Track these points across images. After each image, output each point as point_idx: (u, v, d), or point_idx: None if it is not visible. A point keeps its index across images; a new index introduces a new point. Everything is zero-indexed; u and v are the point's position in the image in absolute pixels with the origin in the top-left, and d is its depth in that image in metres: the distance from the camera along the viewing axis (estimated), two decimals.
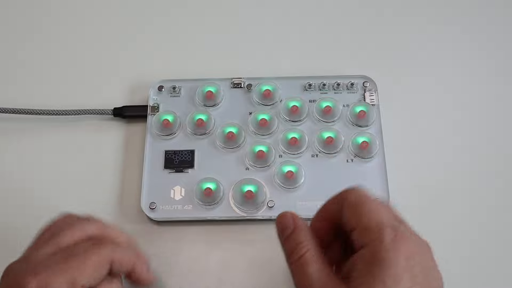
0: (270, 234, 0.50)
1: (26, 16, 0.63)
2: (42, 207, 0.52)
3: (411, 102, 0.56)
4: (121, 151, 0.55)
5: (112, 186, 0.53)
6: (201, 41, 0.61)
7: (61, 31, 0.62)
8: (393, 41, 0.60)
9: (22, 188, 0.53)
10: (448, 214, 0.51)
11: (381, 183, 0.51)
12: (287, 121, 0.54)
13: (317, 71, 0.56)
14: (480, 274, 0.49)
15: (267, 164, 0.52)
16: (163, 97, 0.56)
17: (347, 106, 0.54)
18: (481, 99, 0.57)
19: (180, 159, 0.53)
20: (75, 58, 0.60)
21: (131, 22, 0.62)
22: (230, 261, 0.49)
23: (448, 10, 0.62)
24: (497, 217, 0.51)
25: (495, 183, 0.53)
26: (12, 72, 0.60)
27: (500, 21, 0.61)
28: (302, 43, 0.60)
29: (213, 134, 0.53)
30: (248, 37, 0.61)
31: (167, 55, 0.60)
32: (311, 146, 0.53)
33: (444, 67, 0.59)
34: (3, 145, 0.56)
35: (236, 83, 0.56)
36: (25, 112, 0.55)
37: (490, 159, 0.54)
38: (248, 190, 0.50)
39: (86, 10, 0.63)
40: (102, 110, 0.55)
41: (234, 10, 0.63)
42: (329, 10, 0.62)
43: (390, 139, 0.53)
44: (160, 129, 0.53)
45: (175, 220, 0.51)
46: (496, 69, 0.58)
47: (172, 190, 0.51)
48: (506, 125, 0.55)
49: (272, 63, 0.59)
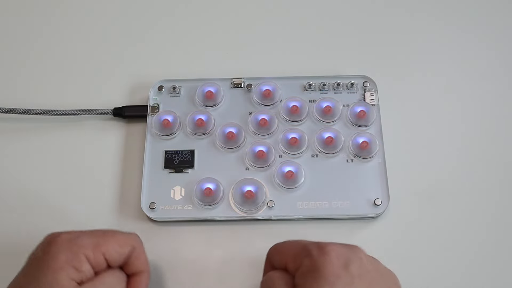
0: (270, 234, 0.50)
1: (26, 16, 0.63)
2: (42, 207, 0.52)
3: (411, 102, 0.56)
4: (121, 151, 0.55)
5: (112, 186, 0.53)
6: (201, 41, 0.61)
7: (61, 31, 0.62)
8: (393, 41, 0.60)
9: (22, 188, 0.53)
10: (448, 214, 0.51)
11: (381, 183, 0.51)
12: (287, 121, 0.54)
13: (317, 71, 0.56)
14: (480, 274, 0.49)
15: (267, 164, 0.52)
16: (163, 97, 0.56)
17: (347, 106, 0.54)
18: (481, 99, 0.57)
19: (180, 159, 0.53)
20: (75, 58, 0.60)
21: (131, 22, 0.62)
22: (230, 261, 0.49)
23: (448, 10, 0.62)
24: (497, 217, 0.51)
25: (496, 183, 0.53)
26: (12, 72, 0.60)
27: (501, 20, 0.61)
28: (302, 43, 0.60)
29: (213, 134, 0.54)
30: (248, 37, 0.61)
31: (167, 55, 0.60)
32: (311, 146, 0.53)
33: (445, 67, 0.59)
34: (3, 145, 0.56)
35: (236, 83, 0.56)
36: (25, 112, 0.55)
37: (491, 159, 0.54)
38: (248, 190, 0.50)
39: (86, 10, 0.63)
40: (102, 110, 0.55)
41: (234, 10, 0.63)
42: (329, 10, 0.62)
43: (390, 139, 0.53)
44: (160, 129, 0.53)
45: (175, 220, 0.51)
46: (497, 69, 0.58)
47: (172, 190, 0.51)
48: (508, 125, 0.55)
49: (272, 63, 0.59)
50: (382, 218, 0.51)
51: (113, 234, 0.43)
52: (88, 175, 0.54)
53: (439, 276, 0.49)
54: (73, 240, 0.41)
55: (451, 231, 0.51)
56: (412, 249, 0.50)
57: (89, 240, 0.41)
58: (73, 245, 0.40)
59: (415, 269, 0.49)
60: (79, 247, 0.40)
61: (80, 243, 0.41)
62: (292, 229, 0.50)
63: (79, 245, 0.40)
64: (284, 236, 0.48)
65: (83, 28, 0.62)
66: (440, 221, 0.51)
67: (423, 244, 0.50)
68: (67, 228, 0.47)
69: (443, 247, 0.50)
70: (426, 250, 0.50)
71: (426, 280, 0.49)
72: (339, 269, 0.38)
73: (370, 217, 0.51)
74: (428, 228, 0.51)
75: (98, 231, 0.43)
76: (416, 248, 0.50)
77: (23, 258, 0.42)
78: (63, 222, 0.51)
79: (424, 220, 0.51)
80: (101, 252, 0.41)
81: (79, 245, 0.40)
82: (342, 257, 0.38)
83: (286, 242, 0.43)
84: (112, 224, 0.51)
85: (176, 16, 0.63)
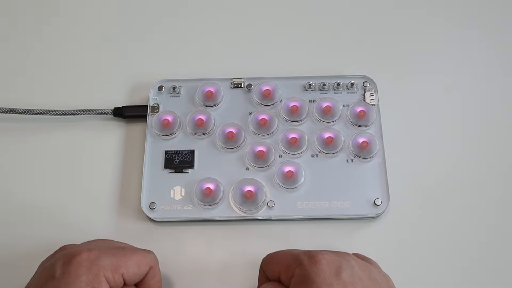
0: (270, 234, 0.50)
1: (26, 16, 0.63)
2: (42, 207, 0.52)
3: (411, 102, 0.56)
4: (121, 151, 0.55)
5: (112, 186, 0.53)
6: (201, 41, 0.61)
7: (61, 31, 0.62)
8: (393, 41, 0.60)
9: (22, 188, 0.53)
10: (448, 214, 0.51)
11: (381, 183, 0.51)
12: (287, 121, 0.54)
13: (317, 71, 0.56)
14: (480, 273, 0.49)
15: (267, 164, 0.52)
16: (163, 97, 0.56)
17: (347, 106, 0.54)
18: (482, 98, 0.57)
19: (180, 159, 0.53)
20: (75, 58, 0.60)
21: (131, 22, 0.62)
22: (230, 261, 0.49)
23: (449, 10, 0.62)
24: (498, 217, 0.51)
25: (496, 183, 0.53)
26: (12, 72, 0.60)
27: (501, 20, 0.61)
28: (302, 43, 0.60)
29: (213, 134, 0.54)
30: (248, 37, 0.61)
31: (167, 55, 0.60)
32: (311, 146, 0.53)
33: (445, 67, 0.59)
34: (3, 145, 0.56)
35: (236, 83, 0.56)
36: (25, 112, 0.55)
37: (491, 159, 0.54)
38: (248, 190, 0.50)
39: (86, 10, 0.63)
40: (102, 110, 0.55)
41: (234, 10, 0.63)
42: (329, 10, 0.62)
43: (390, 139, 0.53)
44: (160, 129, 0.53)
45: (175, 220, 0.51)
46: (498, 69, 0.58)
47: (172, 190, 0.51)
48: (508, 125, 0.55)
49: (272, 63, 0.59)
50: (382, 218, 0.51)
51: (132, 254, 0.42)
52: (88, 175, 0.54)
53: (439, 276, 0.49)
54: (94, 261, 0.40)
55: (451, 231, 0.51)
56: (412, 249, 0.50)
57: (110, 261, 0.41)
58: (94, 266, 0.40)
59: (415, 269, 0.49)
60: (100, 268, 0.40)
61: (100, 264, 0.40)
62: (292, 229, 0.51)
63: (100, 266, 0.40)
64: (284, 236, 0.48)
65: (83, 28, 0.62)
66: (440, 221, 0.51)
67: (423, 244, 0.50)
68: (67, 228, 0.48)
69: (443, 247, 0.50)
70: (426, 250, 0.50)
71: (426, 280, 0.49)
72: (331, 278, 0.38)
73: (370, 217, 0.51)
74: (428, 228, 0.51)
75: (118, 251, 0.42)
76: (416, 248, 0.50)
77: (23, 258, 0.42)
78: (63, 222, 0.51)
79: (424, 220, 0.51)
80: (120, 273, 0.41)
81: (99, 267, 0.40)
82: (333, 265, 0.39)
83: (278, 252, 0.43)
84: (112, 224, 0.51)
85: (176, 16, 0.63)
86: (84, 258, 0.40)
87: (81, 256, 0.40)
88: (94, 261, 0.40)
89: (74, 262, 0.39)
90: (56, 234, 0.50)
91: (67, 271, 0.39)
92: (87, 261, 0.40)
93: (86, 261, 0.40)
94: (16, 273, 0.45)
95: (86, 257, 0.40)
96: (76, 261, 0.39)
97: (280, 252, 0.43)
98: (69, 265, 0.39)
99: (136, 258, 0.42)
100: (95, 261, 0.40)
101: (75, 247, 0.42)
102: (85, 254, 0.40)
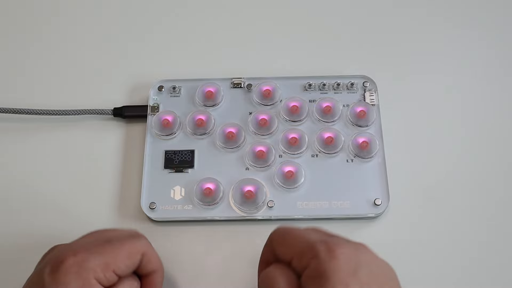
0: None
1: (26, 16, 0.63)
2: (41, 207, 0.52)
3: (411, 102, 0.56)
4: (121, 151, 0.55)
5: (112, 186, 0.53)
6: (201, 41, 0.61)
7: (61, 31, 0.62)
8: (393, 41, 0.60)
9: (22, 188, 0.53)
10: (448, 214, 0.51)
11: (381, 183, 0.51)
12: (287, 121, 0.54)
13: (317, 71, 0.56)
14: (480, 273, 0.49)
15: (267, 164, 0.52)
16: (163, 97, 0.56)
17: (347, 106, 0.54)
18: (482, 98, 0.57)
19: (180, 159, 0.53)
20: (75, 58, 0.60)
21: (131, 22, 0.62)
22: (230, 261, 0.49)
23: (449, 9, 0.62)
24: (498, 217, 0.51)
25: (496, 183, 0.53)
26: (12, 72, 0.60)
27: (502, 20, 0.61)
28: (302, 43, 0.60)
29: (213, 134, 0.54)
30: (248, 37, 0.61)
31: (167, 55, 0.60)
32: (311, 146, 0.53)
33: (445, 67, 0.59)
34: (3, 145, 0.56)
35: (236, 83, 0.56)
36: (25, 112, 0.55)
37: (491, 159, 0.54)
38: (248, 190, 0.50)
39: (86, 10, 0.63)
40: (102, 110, 0.55)
41: (234, 10, 0.63)
42: (329, 10, 0.62)
43: (390, 139, 0.53)
44: (160, 129, 0.53)
45: (175, 220, 0.51)
46: (498, 69, 0.58)
47: (172, 190, 0.51)
48: (508, 125, 0.55)
49: (272, 63, 0.59)
50: (382, 218, 0.51)
51: (121, 245, 0.41)
52: (88, 175, 0.54)
53: (439, 276, 0.49)
54: (82, 265, 0.38)
55: (451, 231, 0.51)
56: (412, 249, 0.50)
57: (98, 261, 0.39)
58: (82, 270, 0.38)
59: (415, 269, 0.49)
60: (89, 271, 0.38)
61: (89, 267, 0.39)
62: None
63: (89, 269, 0.38)
64: None
65: (83, 28, 0.62)
66: (440, 221, 0.51)
67: (423, 244, 0.50)
68: (67, 228, 0.48)
69: (443, 247, 0.50)
70: (426, 250, 0.50)
71: (426, 280, 0.49)
72: (348, 277, 0.36)
73: (370, 217, 0.51)
74: (428, 228, 0.51)
75: (105, 246, 0.40)
76: (416, 248, 0.50)
77: (23, 258, 0.42)
78: (63, 222, 0.51)
79: (424, 220, 0.51)
80: (111, 270, 0.40)
81: (88, 270, 0.38)
82: (352, 262, 0.37)
83: (291, 231, 0.40)
84: (112, 224, 0.51)
85: (176, 16, 0.63)
86: (71, 263, 0.38)
87: (68, 261, 0.38)
88: (81, 264, 0.38)
89: (62, 269, 0.38)
90: (56, 234, 0.50)
91: (55, 279, 0.38)
92: (75, 266, 0.38)
93: (73, 267, 0.38)
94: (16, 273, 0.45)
95: (72, 262, 0.38)
96: (63, 267, 0.38)
97: (293, 231, 0.40)
98: (57, 272, 0.38)
99: (125, 249, 0.41)
100: (83, 264, 0.38)
101: (61, 250, 0.41)
102: (71, 259, 0.38)
